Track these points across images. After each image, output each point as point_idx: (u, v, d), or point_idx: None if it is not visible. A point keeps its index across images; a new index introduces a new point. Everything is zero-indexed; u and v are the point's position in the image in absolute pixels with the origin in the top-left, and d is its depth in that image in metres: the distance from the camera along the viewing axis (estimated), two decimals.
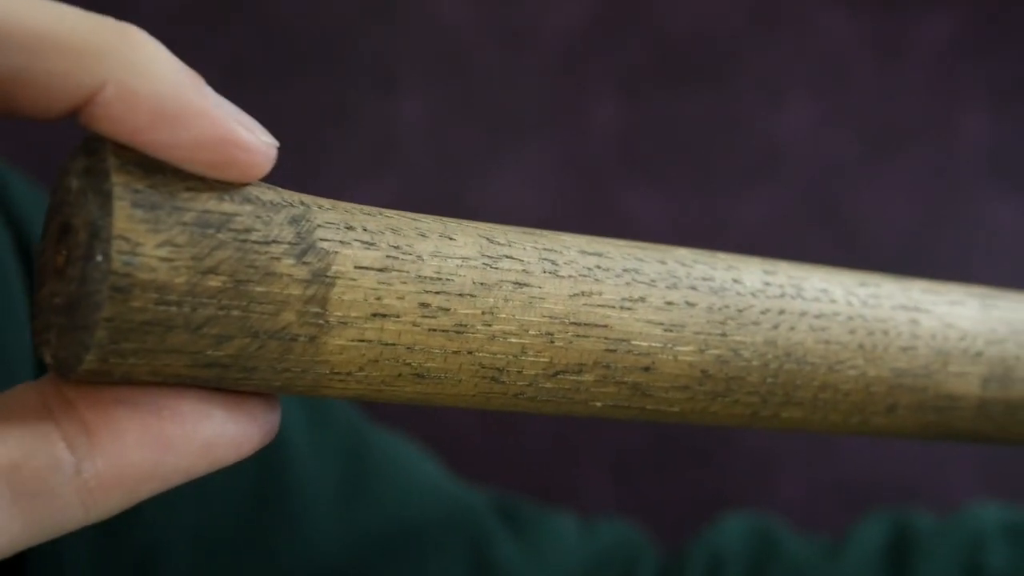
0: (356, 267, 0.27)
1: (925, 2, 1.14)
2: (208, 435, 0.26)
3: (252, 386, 0.27)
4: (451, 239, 0.29)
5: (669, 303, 0.31)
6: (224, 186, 0.26)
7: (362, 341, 0.27)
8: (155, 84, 0.25)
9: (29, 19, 0.24)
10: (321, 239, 0.27)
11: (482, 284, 0.29)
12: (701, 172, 1.12)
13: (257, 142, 0.26)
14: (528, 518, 0.56)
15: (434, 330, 0.28)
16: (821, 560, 0.57)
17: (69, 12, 0.25)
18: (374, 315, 0.27)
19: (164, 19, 1.08)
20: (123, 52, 0.25)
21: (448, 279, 0.28)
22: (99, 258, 0.25)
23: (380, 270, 0.28)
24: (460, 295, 0.28)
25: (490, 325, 0.29)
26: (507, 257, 0.29)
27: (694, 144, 1.13)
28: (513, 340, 0.29)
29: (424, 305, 0.28)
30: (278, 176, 1.26)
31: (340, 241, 0.27)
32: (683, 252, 0.32)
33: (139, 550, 0.47)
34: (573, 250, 0.30)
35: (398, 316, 0.28)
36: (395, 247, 0.28)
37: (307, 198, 0.28)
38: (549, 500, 1.11)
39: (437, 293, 0.28)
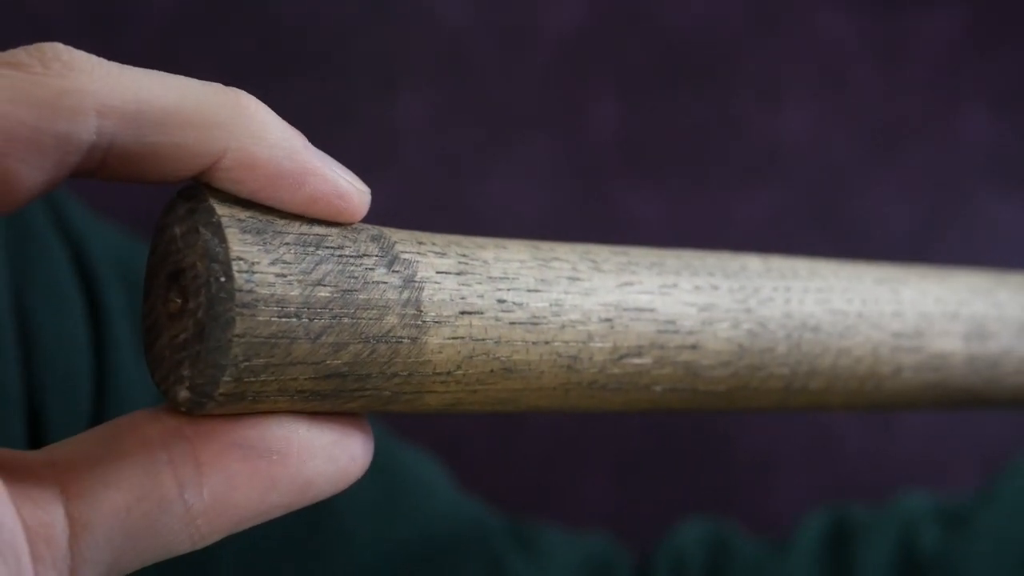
0: (437, 272, 0.30)
1: (925, 2, 1.14)
2: (310, 475, 0.28)
3: (366, 397, 0.29)
4: (504, 248, 0.32)
5: (697, 287, 0.34)
6: None
7: (456, 338, 0.30)
8: (271, 149, 0.27)
9: (158, 98, 0.26)
10: (401, 251, 0.30)
11: (543, 280, 0.32)
12: (701, 172, 1.12)
13: (357, 192, 0.28)
14: (530, 533, 0.59)
15: (514, 323, 0.31)
16: (771, 557, 0.60)
17: (191, 87, 0.26)
18: (462, 313, 0.30)
19: (164, 18, 1.08)
20: (240, 121, 0.27)
21: (514, 278, 0.31)
22: (223, 279, 0.26)
23: (457, 274, 0.30)
24: (528, 290, 0.31)
25: (559, 315, 0.32)
26: (555, 259, 0.32)
27: (694, 144, 1.13)
28: (580, 327, 0.32)
29: (501, 301, 0.31)
30: None
31: (417, 252, 0.30)
32: (691, 252, 0.36)
33: (189, 562, 0.48)
34: (605, 251, 0.34)
35: (482, 313, 0.30)
36: (463, 255, 0.31)
37: (376, 226, 0.30)
38: (549, 500, 1.11)
39: (509, 290, 0.31)
